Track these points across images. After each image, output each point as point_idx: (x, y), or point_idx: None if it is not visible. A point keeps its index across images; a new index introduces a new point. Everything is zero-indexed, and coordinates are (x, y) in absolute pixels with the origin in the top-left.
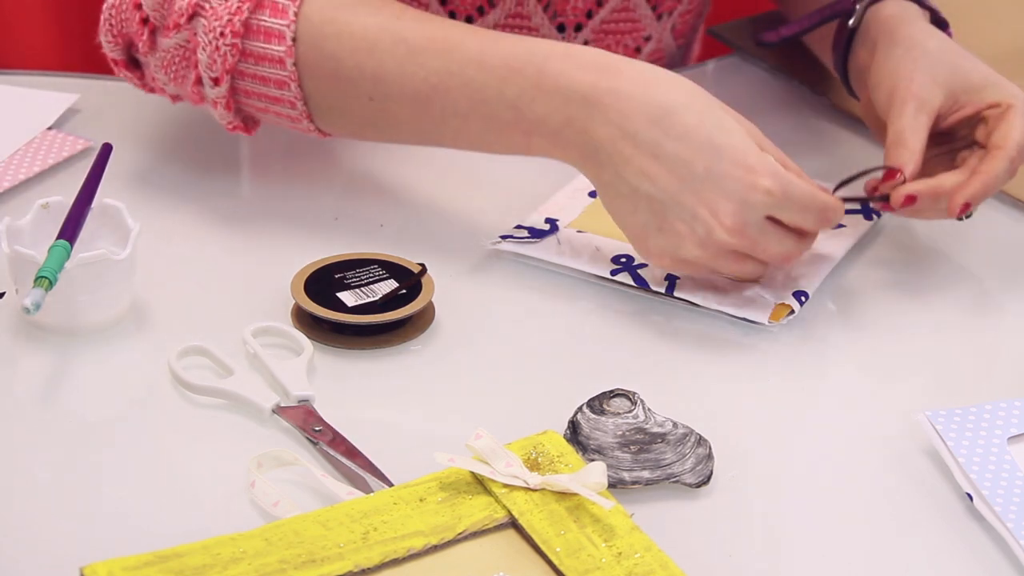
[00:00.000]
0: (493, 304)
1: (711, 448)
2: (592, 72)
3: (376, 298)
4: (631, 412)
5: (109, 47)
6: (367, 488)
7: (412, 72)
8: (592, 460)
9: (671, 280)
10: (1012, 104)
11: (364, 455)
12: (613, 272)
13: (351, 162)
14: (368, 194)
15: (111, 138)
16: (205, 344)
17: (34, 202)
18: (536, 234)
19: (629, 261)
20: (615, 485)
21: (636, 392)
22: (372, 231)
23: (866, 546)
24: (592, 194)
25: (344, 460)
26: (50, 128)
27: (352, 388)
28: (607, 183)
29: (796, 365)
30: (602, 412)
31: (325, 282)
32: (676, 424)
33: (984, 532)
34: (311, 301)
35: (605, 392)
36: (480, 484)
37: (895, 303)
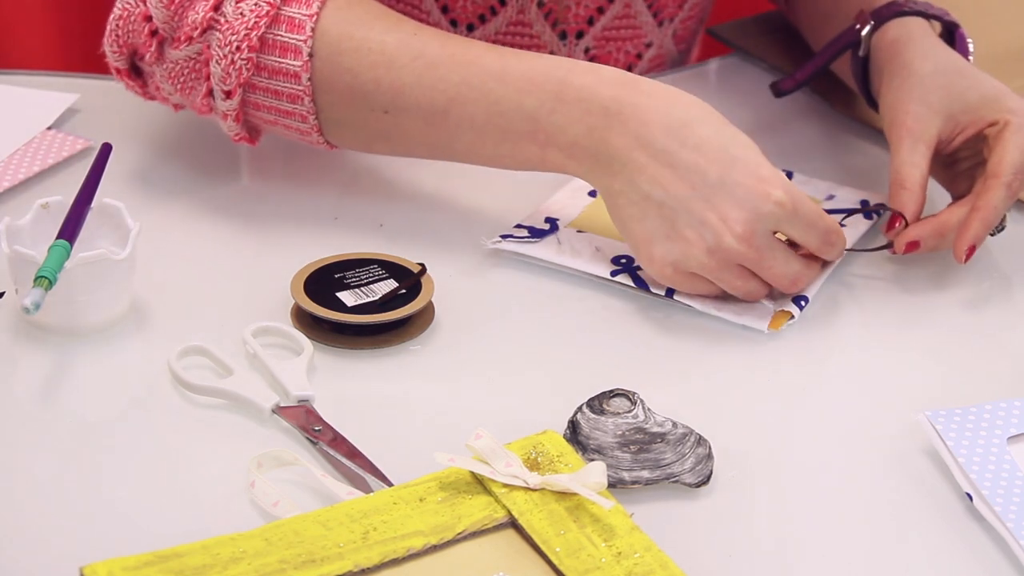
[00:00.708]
0: (493, 304)
1: (711, 448)
2: (614, 87)
3: (376, 298)
4: (631, 412)
5: (113, 56)
6: (367, 488)
7: (430, 85)
8: (592, 460)
9: None
10: (1008, 121)
11: (364, 455)
12: (613, 273)
13: (351, 162)
14: (368, 194)
15: (111, 138)
16: (205, 344)
17: (34, 202)
18: (536, 234)
19: (629, 262)
20: (615, 485)
21: (636, 392)
22: (372, 231)
23: (866, 546)
24: (592, 193)
25: (344, 460)
26: (50, 128)
27: (352, 388)
28: (618, 191)
29: (796, 365)
30: (602, 412)
31: (325, 282)
32: (676, 424)
33: (984, 532)
34: (311, 301)
35: (605, 392)
36: (480, 484)
37: (895, 303)
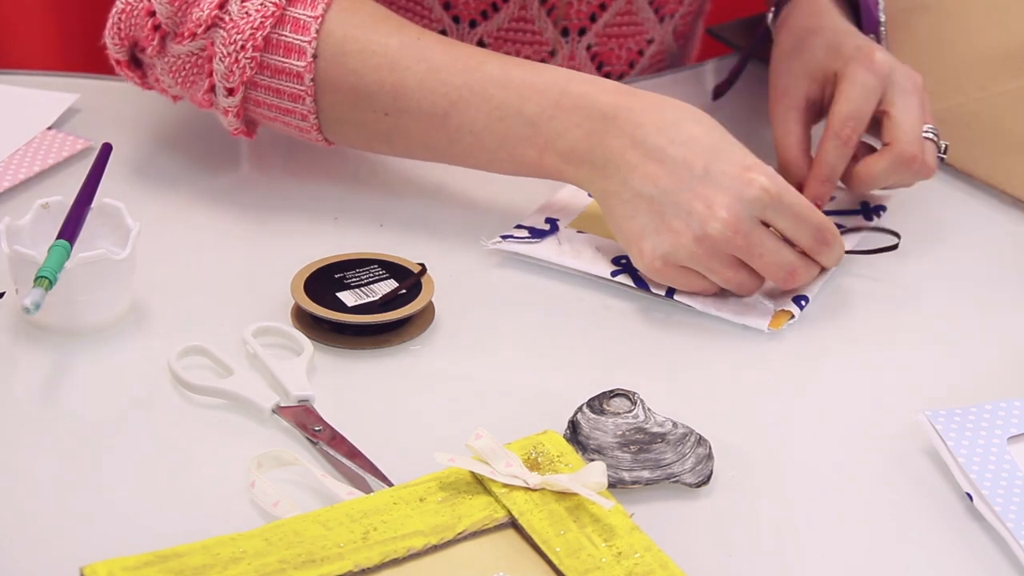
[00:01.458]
0: (493, 304)
1: (711, 448)
2: (611, 94)
3: (376, 298)
4: (631, 412)
5: (114, 48)
6: (367, 488)
7: (432, 88)
8: (592, 460)
9: None
10: (841, 72)
11: (364, 455)
12: (613, 273)
13: (351, 162)
14: (368, 194)
15: (111, 138)
16: (205, 344)
17: (34, 202)
18: (536, 234)
19: (629, 262)
20: (615, 485)
21: (636, 392)
22: (372, 231)
23: (866, 546)
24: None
25: (344, 460)
26: (50, 128)
27: (352, 388)
28: (612, 193)
29: (796, 365)
30: (602, 412)
31: (325, 282)
32: (676, 424)
33: (984, 532)
34: (311, 301)
35: (605, 392)
36: (480, 484)
37: (895, 302)
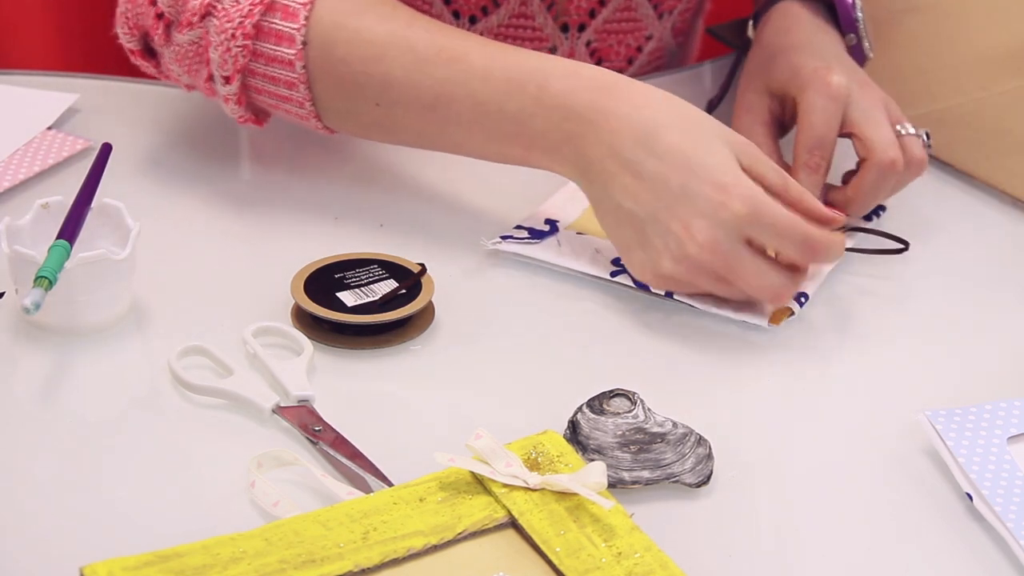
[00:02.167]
0: (493, 304)
1: (711, 448)
2: (592, 92)
3: (376, 298)
4: (631, 412)
5: (126, 38)
6: (367, 488)
7: (418, 81)
8: (592, 460)
9: None
10: (799, 100)
11: (364, 455)
12: (613, 274)
13: (352, 162)
14: (368, 194)
15: (111, 138)
16: (205, 344)
17: (34, 202)
18: (536, 235)
19: None
20: (615, 485)
21: (636, 392)
22: (372, 231)
23: (866, 546)
24: None
25: (344, 460)
26: (50, 128)
27: (352, 388)
28: (596, 199)
29: (796, 365)
30: (602, 412)
31: (325, 282)
32: (676, 424)
33: (984, 532)
34: (311, 301)
35: (605, 392)
36: (480, 484)
37: (895, 302)
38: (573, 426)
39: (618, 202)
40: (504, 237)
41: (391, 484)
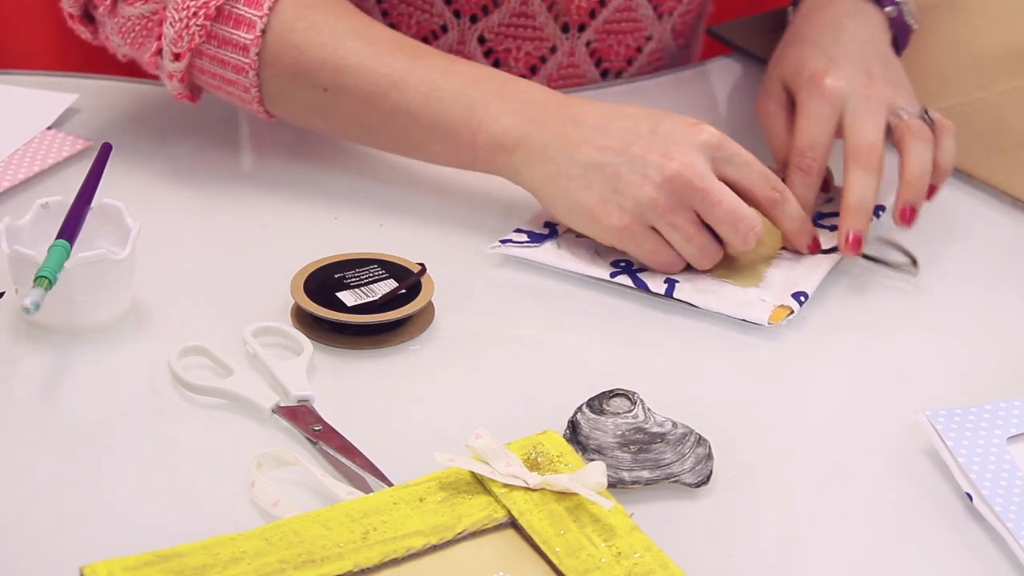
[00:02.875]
0: (493, 304)
1: (711, 448)
2: (555, 93)
3: (376, 298)
4: (631, 412)
5: (67, 2)
6: (367, 488)
7: (373, 68)
8: (592, 460)
9: (670, 283)
10: (798, 101)
11: (364, 455)
12: (613, 275)
13: (352, 162)
14: (368, 194)
15: (111, 138)
16: (205, 344)
17: (34, 202)
18: (536, 239)
19: (628, 265)
20: (615, 485)
21: (636, 392)
22: (372, 231)
23: (866, 546)
24: None
25: (344, 460)
26: (50, 128)
27: (352, 388)
28: (556, 172)
29: (796, 365)
30: (602, 412)
31: (325, 282)
32: (676, 424)
33: (984, 532)
34: (311, 301)
35: (605, 392)
36: (480, 484)
37: (894, 303)
38: (573, 426)
39: (587, 162)
40: (504, 241)
41: (391, 484)
